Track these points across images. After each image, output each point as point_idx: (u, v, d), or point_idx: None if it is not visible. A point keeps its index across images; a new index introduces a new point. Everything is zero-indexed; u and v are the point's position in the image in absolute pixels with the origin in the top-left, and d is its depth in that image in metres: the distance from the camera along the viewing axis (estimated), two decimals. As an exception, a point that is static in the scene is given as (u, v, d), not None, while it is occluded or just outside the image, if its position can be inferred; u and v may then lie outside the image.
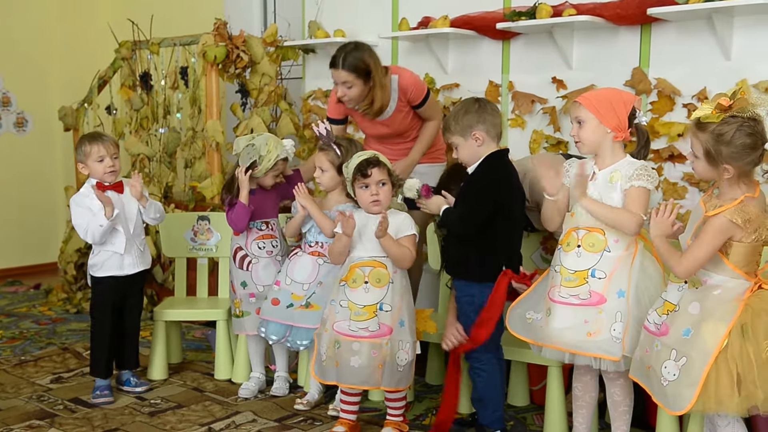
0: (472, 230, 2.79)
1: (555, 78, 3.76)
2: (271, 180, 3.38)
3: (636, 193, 2.53)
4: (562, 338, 2.61)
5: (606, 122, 2.55)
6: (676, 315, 2.36)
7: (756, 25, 3.18)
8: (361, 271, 2.85)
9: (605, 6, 3.50)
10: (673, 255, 2.34)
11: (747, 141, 2.25)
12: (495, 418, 2.92)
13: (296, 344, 3.21)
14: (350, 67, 3.32)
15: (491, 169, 2.81)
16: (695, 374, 2.25)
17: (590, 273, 2.57)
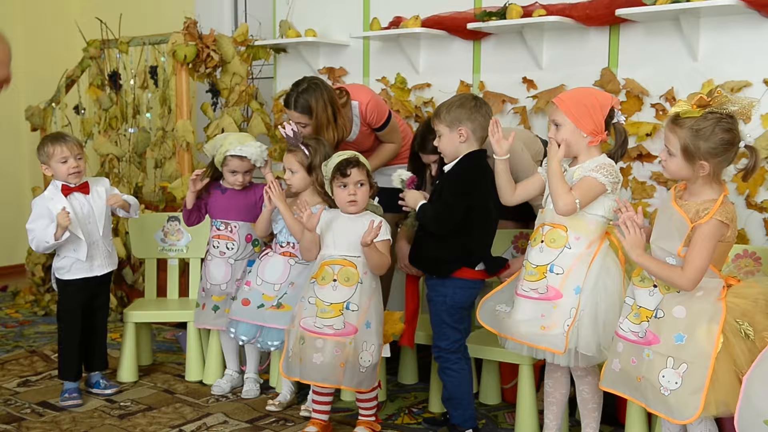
0: (447, 230, 2.79)
1: (525, 78, 3.78)
2: (230, 177, 3.37)
3: (584, 181, 2.54)
4: (519, 330, 2.64)
5: (582, 127, 2.56)
6: (662, 321, 2.33)
7: (722, 26, 3.23)
8: (331, 269, 2.85)
9: (575, 7, 3.53)
10: (672, 271, 2.30)
11: (725, 137, 2.26)
12: (467, 417, 2.93)
13: (267, 345, 3.19)
14: (302, 108, 3.34)
15: (469, 170, 2.81)
16: (699, 380, 2.23)
17: (549, 268, 2.59)
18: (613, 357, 2.46)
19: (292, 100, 3.35)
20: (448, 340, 2.89)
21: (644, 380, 2.34)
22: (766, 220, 3.19)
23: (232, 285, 3.38)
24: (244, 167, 3.36)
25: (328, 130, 3.36)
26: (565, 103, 2.58)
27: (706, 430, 2.37)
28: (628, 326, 2.41)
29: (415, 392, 3.48)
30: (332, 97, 3.38)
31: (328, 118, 3.35)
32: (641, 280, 2.42)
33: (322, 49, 4.48)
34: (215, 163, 3.39)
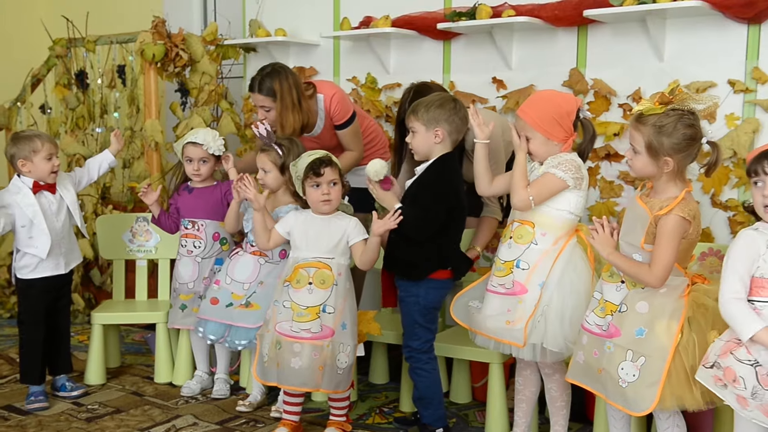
0: (426, 234, 2.79)
1: (495, 78, 3.80)
2: (188, 167, 3.37)
3: (544, 177, 2.57)
4: (486, 324, 2.68)
5: (553, 137, 2.58)
6: (624, 315, 2.37)
7: (688, 27, 3.27)
8: (306, 272, 2.84)
9: (543, 7, 3.56)
10: (640, 268, 2.34)
11: (688, 132, 2.30)
12: (437, 416, 2.93)
13: (234, 344, 3.17)
14: (267, 91, 3.33)
15: (444, 173, 2.80)
16: (655, 373, 2.27)
17: (515, 264, 2.62)
18: (578, 349, 2.50)
19: (256, 83, 3.35)
20: (419, 340, 2.90)
21: (604, 372, 2.38)
22: (730, 218, 3.24)
23: (199, 283, 3.36)
24: (198, 154, 3.35)
25: (293, 113, 3.35)
26: (532, 117, 2.58)
27: (674, 425, 2.41)
28: (594, 319, 2.45)
29: (386, 392, 3.48)
30: (297, 82, 3.38)
31: (292, 102, 3.34)
32: (610, 276, 2.46)
33: (293, 49, 4.46)
34: (178, 156, 3.41)
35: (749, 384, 2.08)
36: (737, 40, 3.18)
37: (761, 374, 2.07)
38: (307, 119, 3.41)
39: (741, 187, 3.22)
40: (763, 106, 3.13)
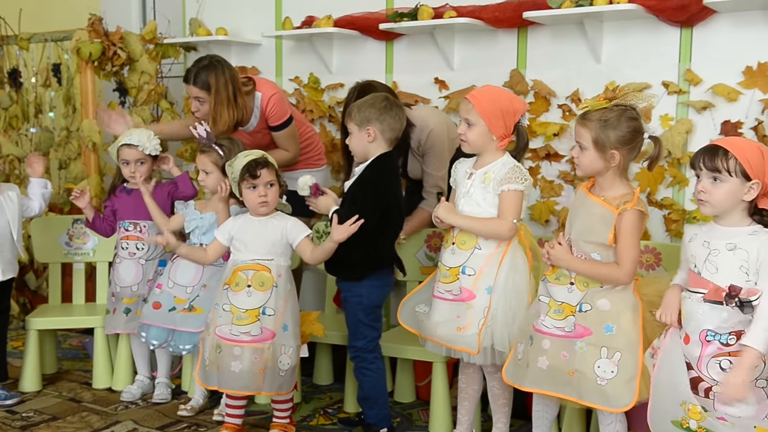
0: (363, 235, 2.77)
1: (437, 79, 3.82)
2: (124, 169, 3.32)
3: (508, 198, 2.59)
4: (437, 332, 2.70)
5: (494, 131, 2.60)
6: (589, 314, 2.40)
7: (624, 30, 3.35)
8: (244, 275, 2.81)
9: (484, 9, 3.59)
10: (609, 268, 2.37)
11: (632, 124, 2.37)
12: (382, 416, 2.94)
13: (178, 349, 3.12)
14: (202, 84, 3.31)
15: (380, 173, 2.80)
16: (632, 368, 2.32)
17: (461, 270, 2.64)
18: (538, 355, 2.48)
19: (192, 75, 3.33)
20: (365, 339, 2.89)
21: (578, 373, 2.39)
22: (665, 217, 3.32)
23: (143, 286, 3.30)
24: (134, 156, 3.30)
25: (228, 109, 3.32)
26: (481, 105, 2.60)
27: (617, 420, 2.46)
28: (552, 323, 2.46)
29: (331, 393, 3.47)
30: (234, 77, 3.35)
31: (228, 97, 3.32)
32: (557, 278, 2.48)
33: (234, 48, 4.41)
34: (115, 159, 3.35)
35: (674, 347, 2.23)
36: (671, 42, 3.26)
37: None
38: (242, 116, 3.39)
39: (675, 186, 3.30)
40: (695, 108, 3.22)
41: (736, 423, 2.12)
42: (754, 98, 3.10)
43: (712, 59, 3.18)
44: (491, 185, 2.61)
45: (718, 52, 3.16)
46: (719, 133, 3.16)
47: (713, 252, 2.15)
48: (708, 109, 3.20)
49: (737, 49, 3.12)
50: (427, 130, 3.15)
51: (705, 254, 2.16)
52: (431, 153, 3.19)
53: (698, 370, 2.16)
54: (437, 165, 3.18)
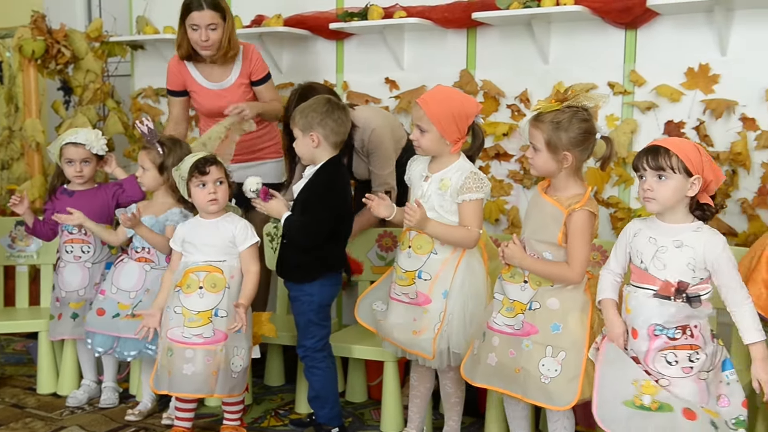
0: (316, 241, 2.76)
1: (388, 78, 3.83)
2: (68, 169, 3.25)
3: (469, 208, 2.58)
4: (393, 334, 2.71)
5: (447, 136, 2.59)
6: (537, 313, 2.42)
7: (571, 31, 3.40)
8: (196, 276, 2.77)
9: (433, 9, 3.61)
10: (560, 267, 2.39)
11: (583, 126, 2.39)
12: (333, 415, 2.93)
13: (123, 355, 3.05)
14: (215, 6, 3.29)
15: (330, 178, 2.79)
16: (575, 367, 2.34)
17: (417, 274, 2.64)
18: (488, 351, 2.51)
19: (203, 0, 3.29)
20: (314, 338, 2.88)
21: (523, 371, 2.41)
22: (612, 215, 3.38)
23: (90, 290, 3.22)
24: (80, 155, 3.23)
25: (233, 34, 3.37)
26: (432, 110, 2.58)
27: (564, 417, 2.49)
28: (503, 320, 2.48)
29: (282, 394, 3.45)
30: None
31: (233, 21, 3.37)
32: (511, 276, 2.50)
33: (183, 47, 4.35)
34: (55, 159, 3.27)
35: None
36: (616, 44, 3.32)
37: None
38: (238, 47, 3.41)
39: (621, 184, 3.37)
40: (640, 108, 3.28)
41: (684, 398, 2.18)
42: (696, 99, 3.17)
43: (656, 60, 3.25)
44: (449, 193, 2.61)
45: (662, 54, 3.23)
46: (663, 133, 3.23)
47: (661, 249, 2.20)
48: (652, 109, 3.27)
49: (679, 50, 3.19)
50: (370, 130, 3.15)
51: (652, 251, 2.21)
52: (376, 153, 3.18)
53: (645, 364, 2.20)
54: (382, 164, 3.17)
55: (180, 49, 3.46)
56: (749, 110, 3.08)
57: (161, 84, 4.45)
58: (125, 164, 4.30)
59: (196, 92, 3.55)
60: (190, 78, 3.52)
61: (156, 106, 4.50)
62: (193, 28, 3.34)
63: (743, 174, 3.10)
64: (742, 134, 3.08)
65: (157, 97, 4.48)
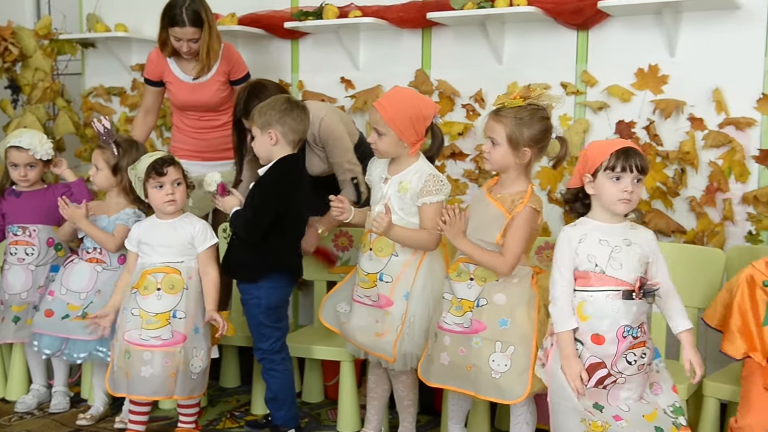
0: (256, 236, 2.75)
1: (343, 78, 3.83)
2: (13, 172, 3.19)
3: (430, 210, 2.59)
4: (356, 336, 2.71)
5: (404, 138, 2.59)
6: (484, 309, 2.44)
7: (524, 31, 3.43)
8: (154, 278, 2.74)
9: (389, 9, 3.62)
10: (493, 256, 2.42)
11: (544, 124, 2.43)
12: (289, 416, 2.91)
13: (72, 357, 2.99)
14: (195, 22, 3.33)
15: (280, 175, 2.77)
16: (525, 361, 2.37)
17: (379, 277, 2.65)
18: (440, 351, 2.53)
19: (183, 17, 3.31)
20: (269, 341, 2.86)
21: (474, 368, 2.43)
22: (564, 213, 3.42)
23: (34, 293, 3.15)
24: (23, 159, 3.16)
25: (217, 40, 3.41)
26: (388, 113, 2.58)
27: (527, 411, 2.52)
28: (452, 319, 2.50)
29: (238, 395, 3.42)
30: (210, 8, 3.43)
31: (218, 32, 3.42)
32: (458, 275, 2.52)
33: (135, 45, 4.29)
34: (2, 160, 3.21)
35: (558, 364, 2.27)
36: (568, 44, 3.36)
37: None
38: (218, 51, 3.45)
39: (574, 183, 3.41)
40: (592, 108, 3.33)
41: (630, 419, 2.23)
42: (646, 99, 3.23)
43: (607, 61, 3.30)
44: (408, 195, 2.61)
45: (613, 55, 3.28)
46: (614, 133, 3.28)
47: (615, 249, 2.24)
48: (603, 109, 3.31)
49: (630, 51, 3.24)
50: (318, 120, 3.12)
51: (607, 252, 2.24)
52: (330, 141, 3.13)
53: (611, 368, 2.23)
54: (340, 150, 3.13)
55: (164, 48, 3.48)
56: (697, 110, 3.15)
57: (113, 83, 4.39)
58: (76, 164, 4.23)
59: (172, 83, 3.55)
60: (167, 69, 3.53)
61: (108, 105, 4.42)
62: (175, 38, 3.38)
63: (691, 173, 3.17)
64: (690, 134, 3.15)
65: (109, 96, 4.41)
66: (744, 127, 3.06)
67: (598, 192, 2.27)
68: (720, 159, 3.11)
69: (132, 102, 4.33)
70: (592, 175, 2.27)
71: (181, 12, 3.31)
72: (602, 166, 2.24)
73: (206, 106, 3.50)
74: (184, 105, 3.54)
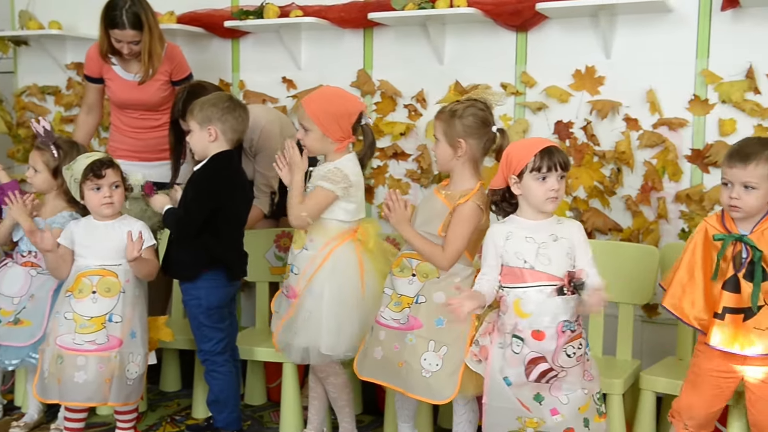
0: (188, 233, 2.72)
1: (285, 78, 3.80)
2: None
3: (314, 192, 2.59)
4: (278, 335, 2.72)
5: (329, 134, 2.60)
6: (422, 306, 2.45)
7: (464, 32, 3.46)
8: (89, 281, 2.68)
9: (330, 9, 3.61)
10: (435, 248, 2.43)
11: (478, 114, 2.46)
12: (231, 419, 2.89)
13: (4, 364, 2.90)
14: (135, 25, 3.24)
15: (215, 171, 2.75)
16: (456, 361, 2.38)
17: (290, 268, 2.68)
18: (375, 345, 2.54)
19: (123, 19, 3.22)
20: (211, 342, 2.83)
21: (406, 365, 2.44)
22: (505, 212, 3.47)
23: None
24: None
25: (160, 42, 3.33)
26: (313, 110, 2.59)
27: (470, 410, 2.54)
28: (390, 314, 2.51)
29: (179, 399, 3.37)
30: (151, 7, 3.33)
31: (160, 33, 3.33)
32: (400, 270, 2.53)
33: (69, 43, 4.19)
34: None
35: (497, 364, 2.30)
36: (508, 46, 3.40)
37: (507, 356, 2.29)
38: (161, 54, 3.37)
39: (515, 183, 3.45)
40: (531, 108, 3.38)
41: (566, 412, 2.27)
42: (583, 100, 3.29)
43: (546, 62, 3.34)
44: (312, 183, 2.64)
45: (551, 56, 3.33)
46: (552, 133, 3.33)
47: (542, 245, 2.28)
48: (542, 109, 3.36)
49: (567, 53, 3.30)
50: (258, 129, 3.13)
51: (534, 248, 2.28)
52: (264, 152, 3.16)
53: (552, 362, 2.26)
54: (269, 164, 3.15)
55: (102, 49, 3.39)
56: (632, 111, 3.22)
57: (46, 81, 4.28)
58: (9, 165, 4.11)
59: (111, 80, 3.48)
60: (107, 66, 3.45)
61: (42, 104, 4.31)
62: (116, 40, 3.30)
63: (627, 172, 3.24)
64: (626, 134, 3.22)
65: (43, 95, 4.30)
66: (677, 128, 3.15)
67: (524, 192, 2.30)
68: (654, 158, 3.19)
69: (67, 101, 4.24)
70: (518, 176, 2.30)
71: (121, 14, 3.24)
72: (528, 167, 2.27)
73: (146, 105, 3.43)
74: (124, 103, 3.48)
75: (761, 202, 2.24)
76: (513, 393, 2.27)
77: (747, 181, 2.22)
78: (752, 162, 2.21)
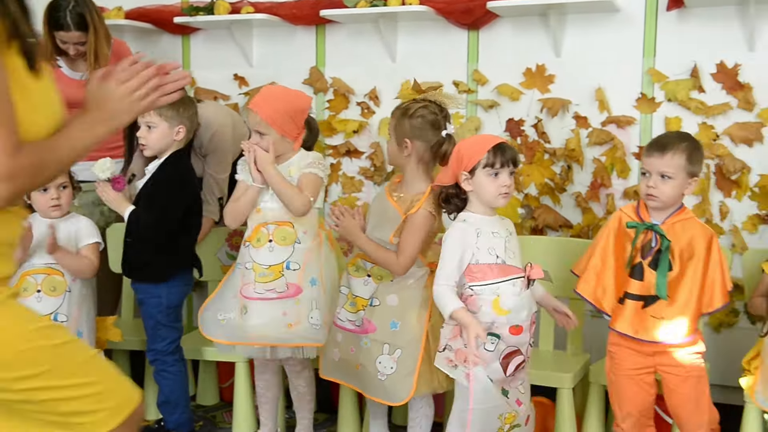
0: (165, 236, 2.69)
1: (237, 75, 3.77)
2: None
3: (308, 179, 2.58)
4: (264, 333, 2.58)
5: (288, 135, 2.58)
6: (376, 309, 2.44)
7: (416, 30, 3.47)
8: (34, 279, 2.63)
9: (282, 6, 3.59)
10: (388, 255, 2.41)
11: (427, 117, 2.44)
12: (183, 420, 2.86)
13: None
14: (80, 26, 3.16)
15: (177, 172, 2.72)
16: (411, 363, 2.38)
17: (285, 266, 2.60)
18: (333, 347, 2.54)
19: (68, 19, 3.12)
20: (164, 341, 2.80)
21: (362, 368, 2.45)
22: (457, 209, 3.49)
23: None
24: None
25: (106, 42, 3.23)
26: (267, 113, 2.54)
27: (426, 405, 2.55)
28: (345, 316, 2.51)
29: (129, 401, 3.31)
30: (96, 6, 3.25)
31: (105, 30, 3.23)
32: (356, 270, 2.52)
33: (14, 38, 4.08)
34: None
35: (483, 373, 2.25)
36: (460, 44, 3.42)
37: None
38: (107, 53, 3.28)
39: (467, 180, 3.48)
40: (483, 106, 3.40)
41: (526, 401, 2.31)
42: (534, 98, 3.33)
43: (497, 61, 3.37)
44: (296, 176, 2.60)
45: (502, 54, 3.36)
46: (504, 131, 3.36)
47: (507, 240, 2.31)
48: (494, 107, 3.39)
49: (518, 51, 3.33)
50: (211, 131, 3.08)
51: (501, 243, 2.29)
52: (214, 155, 3.11)
53: (526, 354, 2.28)
54: (220, 167, 3.12)
55: (46, 51, 3.27)
56: (581, 109, 3.27)
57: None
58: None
59: (58, 80, 3.34)
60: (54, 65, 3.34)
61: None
62: (61, 41, 3.22)
63: (577, 169, 3.28)
64: (576, 131, 3.26)
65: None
66: (624, 125, 3.20)
67: (476, 189, 2.29)
68: (603, 156, 3.24)
69: (12, 98, 4.13)
70: (469, 172, 2.29)
71: (65, 15, 3.15)
72: (480, 163, 2.27)
73: None
74: (70, 102, 3.38)
75: (676, 192, 2.30)
76: (495, 390, 2.26)
77: (664, 170, 2.28)
78: (669, 152, 2.28)
